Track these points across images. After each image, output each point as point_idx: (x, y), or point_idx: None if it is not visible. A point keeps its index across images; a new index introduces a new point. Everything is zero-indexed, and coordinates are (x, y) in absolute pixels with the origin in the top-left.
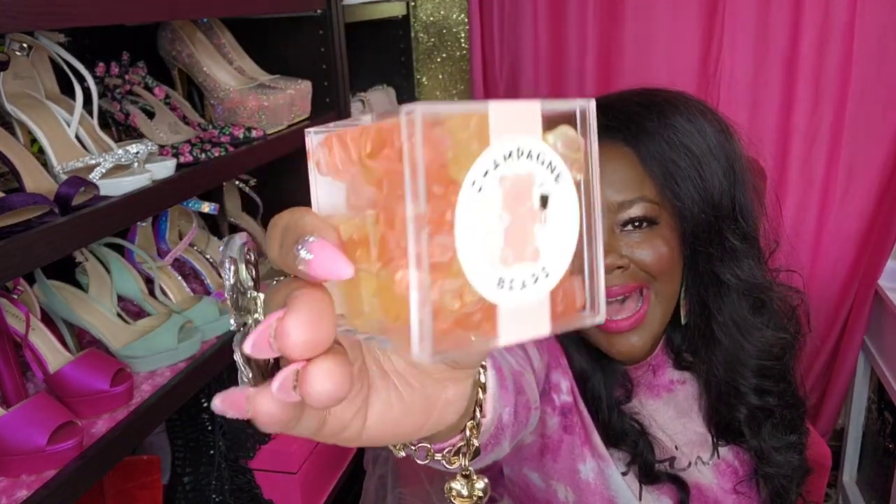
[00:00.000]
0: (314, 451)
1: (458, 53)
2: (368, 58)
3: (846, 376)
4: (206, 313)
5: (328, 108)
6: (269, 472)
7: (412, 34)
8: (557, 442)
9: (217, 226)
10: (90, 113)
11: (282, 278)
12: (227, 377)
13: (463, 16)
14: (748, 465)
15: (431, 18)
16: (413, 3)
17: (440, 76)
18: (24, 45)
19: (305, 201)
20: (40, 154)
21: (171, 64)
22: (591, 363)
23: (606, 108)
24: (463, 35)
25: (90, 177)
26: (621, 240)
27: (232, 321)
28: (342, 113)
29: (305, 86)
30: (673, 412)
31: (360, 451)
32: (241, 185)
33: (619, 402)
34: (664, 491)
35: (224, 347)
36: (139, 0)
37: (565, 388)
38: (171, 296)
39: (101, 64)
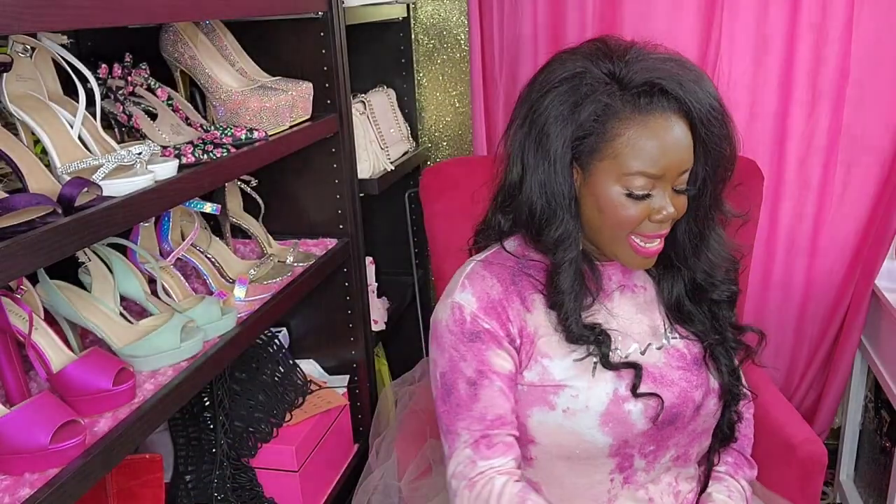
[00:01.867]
0: (315, 450)
1: (458, 55)
2: (369, 59)
3: (843, 375)
4: (209, 313)
5: (329, 109)
6: (271, 471)
7: (412, 36)
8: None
9: (219, 226)
10: (93, 114)
11: None
12: (228, 377)
13: (463, 17)
14: (695, 353)
15: (431, 20)
16: (413, 5)
17: (440, 77)
18: (28, 47)
19: (305, 201)
20: (43, 155)
21: (173, 65)
22: (574, 290)
23: (666, 77)
24: (463, 37)
25: (93, 178)
26: (674, 198)
27: None
28: (343, 114)
29: (307, 87)
30: (634, 308)
31: (362, 450)
32: (243, 185)
33: (581, 312)
34: (620, 374)
35: (226, 347)
36: (142, 2)
37: (515, 330)
38: (173, 295)
39: (103, 65)
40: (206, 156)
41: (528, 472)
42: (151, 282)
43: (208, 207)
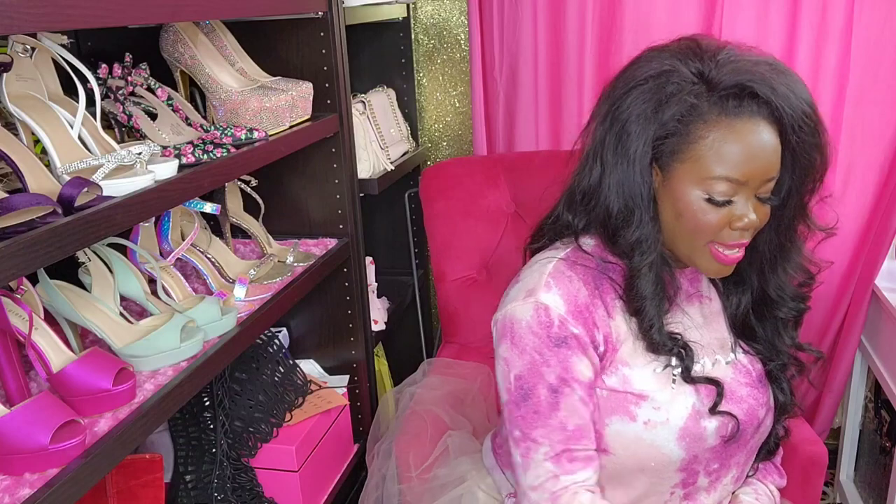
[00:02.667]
0: (315, 449)
1: (459, 55)
2: (369, 59)
3: (843, 375)
4: (209, 313)
5: (329, 109)
6: (271, 471)
7: (412, 36)
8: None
9: (219, 226)
10: (93, 114)
11: None
12: (228, 377)
13: (463, 18)
14: (758, 369)
15: (431, 20)
16: (413, 5)
17: (440, 78)
18: (28, 47)
19: (306, 201)
20: (43, 155)
21: (173, 66)
22: (657, 296)
23: (757, 81)
24: (463, 37)
25: (93, 178)
26: (757, 207)
27: None
28: (343, 114)
29: (306, 87)
30: (701, 319)
31: (362, 450)
32: (243, 185)
33: (661, 315)
34: (697, 388)
35: (226, 347)
36: (142, 2)
37: (601, 337)
38: (173, 295)
39: (103, 65)
40: (206, 156)
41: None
42: (151, 282)
43: (208, 207)
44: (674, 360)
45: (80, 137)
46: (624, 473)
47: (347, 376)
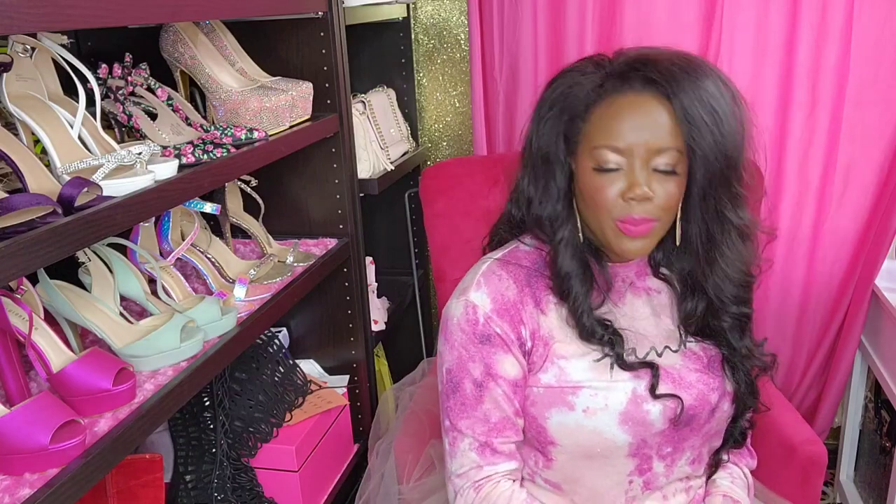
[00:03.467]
0: (315, 449)
1: (459, 55)
2: (369, 59)
3: (843, 375)
4: (209, 313)
5: (329, 109)
6: (271, 471)
7: (412, 36)
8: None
9: (219, 226)
10: (93, 114)
11: None
12: (228, 377)
13: (463, 18)
14: (711, 355)
15: (431, 20)
16: (413, 5)
17: (440, 78)
18: (28, 47)
19: (306, 201)
20: (43, 155)
21: (173, 66)
22: (579, 276)
23: (649, 63)
24: (463, 37)
25: (93, 178)
26: (651, 176)
27: None
28: (343, 114)
29: (306, 87)
30: (649, 310)
31: (362, 450)
32: (243, 185)
33: (593, 308)
34: (638, 374)
35: (226, 347)
36: (142, 2)
37: (527, 334)
38: (173, 295)
39: (103, 65)
40: (206, 156)
41: (548, 474)
42: (151, 282)
43: (208, 207)
44: (607, 350)
45: (80, 137)
46: (576, 463)
47: (347, 376)
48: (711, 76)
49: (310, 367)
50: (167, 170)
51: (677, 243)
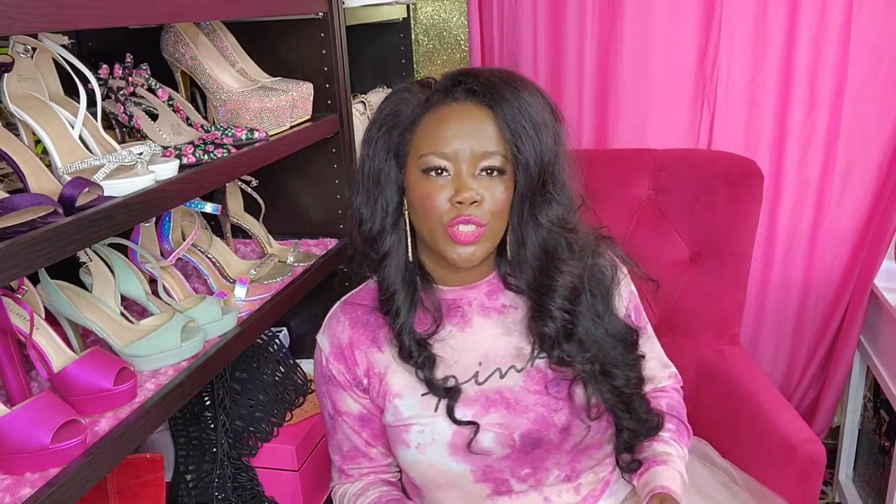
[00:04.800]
0: (316, 449)
1: (458, 56)
2: (369, 60)
3: (842, 375)
4: (209, 313)
5: (329, 109)
6: (271, 470)
7: (412, 37)
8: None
9: (220, 226)
10: (94, 115)
11: None
12: (229, 376)
13: (463, 18)
14: (555, 374)
15: (431, 21)
16: (413, 6)
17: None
18: (29, 47)
19: (306, 201)
20: (44, 155)
21: (174, 66)
22: (403, 292)
23: (471, 75)
24: (463, 37)
25: (94, 178)
26: (479, 181)
27: None
28: (343, 114)
29: (307, 87)
30: (500, 330)
31: None
32: (244, 185)
33: (415, 330)
34: (477, 402)
35: (226, 346)
36: (143, 2)
37: (361, 372)
38: (174, 295)
39: (104, 66)
40: (206, 156)
41: (423, 502)
42: (152, 282)
43: (209, 207)
44: (419, 373)
45: (80, 138)
46: (434, 492)
47: None
48: (530, 88)
49: (310, 367)
50: (168, 170)
51: (508, 256)
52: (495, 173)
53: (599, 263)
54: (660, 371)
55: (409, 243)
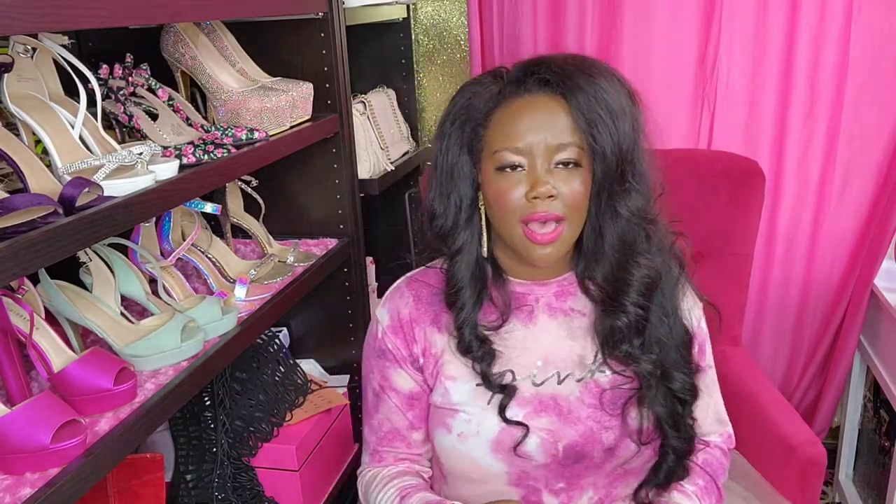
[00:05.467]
0: (316, 449)
1: (459, 56)
2: (369, 60)
3: (842, 375)
4: (209, 313)
5: (329, 109)
6: (271, 470)
7: (412, 37)
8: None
9: (220, 226)
10: (94, 115)
11: None
12: (229, 376)
13: (463, 19)
14: (621, 391)
15: (431, 21)
16: (413, 6)
17: (440, 78)
18: (29, 47)
19: (306, 201)
20: (44, 155)
21: (174, 66)
22: (470, 288)
23: (543, 65)
24: (463, 38)
25: (94, 178)
26: (554, 174)
27: None
28: (343, 114)
29: (307, 88)
30: (564, 332)
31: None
32: (244, 185)
33: (480, 324)
34: (531, 403)
35: (226, 346)
36: (143, 3)
37: (418, 350)
38: (174, 295)
39: (104, 66)
40: (206, 156)
41: (447, 490)
42: (152, 282)
43: (209, 207)
44: (477, 366)
45: (80, 138)
46: (461, 485)
47: (348, 376)
48: (605, 74)
49: (310, 367)
50: (168, 170)
51: (584, 243)
52: (571, 165)
53: (671, 259)
54: (713, 426)
55: (484, 238)
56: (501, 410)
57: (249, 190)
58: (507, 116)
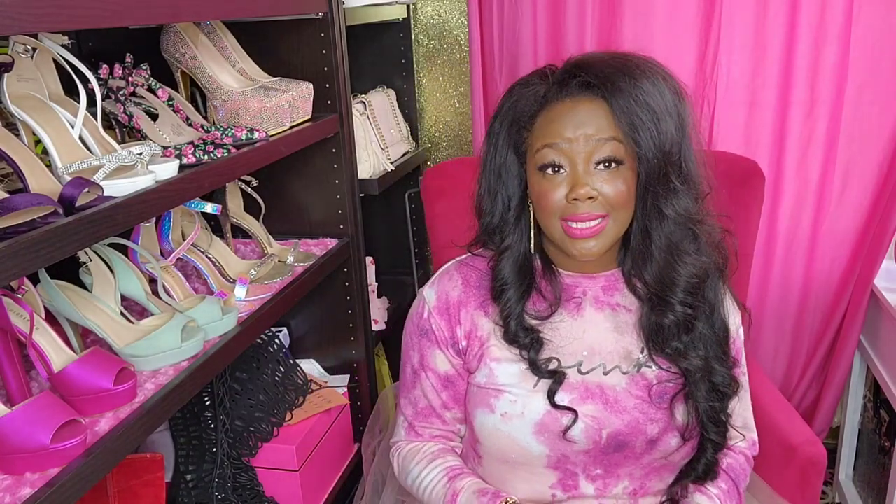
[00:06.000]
0: (316, 449)
1: (458, 55)
2: (369, 60)
3: (842, 375)
4: (209, 313)
5: (329, 109)
6: (271, 470)
7: (412, 37)
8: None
9: (220, 226)
10: (94, 115)
11: None
12: (229, 376)
13: (463, 18)
14: (667, 387)
15: (431, 21)
16: (413, 6)
17: (440, 78)
18: (29, 47)
19: (306, 201)
20: (44, 155)
21: (174, 66)
22: (515, 283)
23: (585, 67)
24: (463, 37)
25: (94, 178)
26: (595, 176)
27: None
28: (343, 114)
29: (307, 88)
30: (610, 325)
31: (361, 450)
32: (244, 185)
33: (528, 314)
34: (577, 389)
35: (226, 346)
36: (143, 2)
37: (462, 333)
38: (174, 295)
39: (104, 66)
40: (206, 156)
41: (481, 471)
42: (152, 282)
43: (209, 207)
44: (524, 353)
45: (80, 138)
46: (497, 465)
47: (348, 376)
48: (649, 73)
49: (310, 367)
50: (168, 170)
51: (632, 242)
52: (613, 165)
53: (718, 257)
54: (741, 431)
55: (533, 236)
56: (550, 395)
57: (249, 190)
58: (548, 119)
